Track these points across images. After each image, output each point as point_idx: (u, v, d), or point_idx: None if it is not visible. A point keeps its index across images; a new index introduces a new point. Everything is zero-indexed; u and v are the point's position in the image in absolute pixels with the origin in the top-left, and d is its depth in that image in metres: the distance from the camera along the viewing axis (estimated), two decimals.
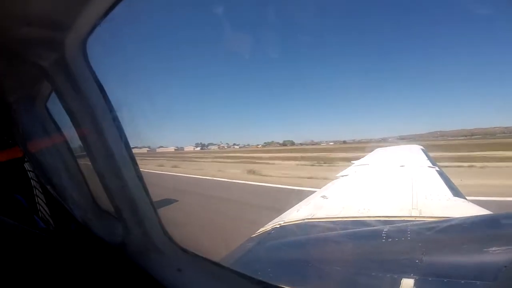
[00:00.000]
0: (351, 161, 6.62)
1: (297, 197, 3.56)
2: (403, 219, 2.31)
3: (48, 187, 1.62)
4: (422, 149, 6.96)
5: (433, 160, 5.29)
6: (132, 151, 1.34)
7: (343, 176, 4.74)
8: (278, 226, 2.48)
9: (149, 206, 1.37)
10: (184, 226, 5.83)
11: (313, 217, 2.63)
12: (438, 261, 1.39)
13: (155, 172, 20.34)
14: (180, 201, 9.18)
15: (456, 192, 2.95)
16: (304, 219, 2.59)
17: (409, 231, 1.76)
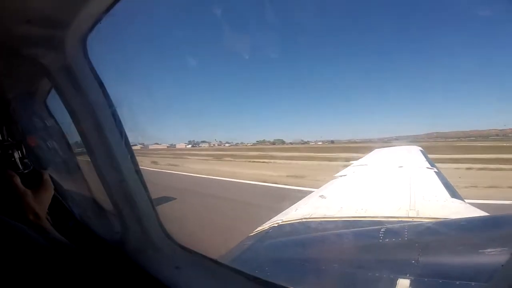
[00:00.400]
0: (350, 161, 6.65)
1: None
2: (401, 220, 2.33)
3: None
4: (421, 150, 6.98)
5: (432, 161, 5.31)
6: (132, 148, 1.34)
7: (342, 176, 4.76)
8: (276, 225, 2.49)
9: (148, 204, 1.37)
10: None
11: (311, 217, 2.64)
12: (434, 262, 1.40)
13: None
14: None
15: (454, 194, 2.96)
16: (302, 218, 2.60)
17: (406, 232, 1.77)
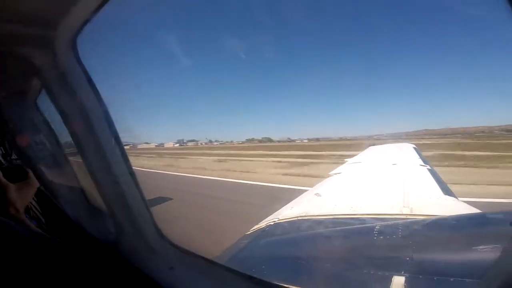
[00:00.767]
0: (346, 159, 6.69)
1: None
2: (395, 217, 2.35)
3: (40, 186, 1.60)
4: (414, 148, 7.06)
5: (425, 159, 5.38)
6: (124, 148, 1.32)
7: (336, 174, 4.79)
8: (273, 224, 2.49)
9: (142, 204, 1.36)
10: None
11: (307, 215, 2.65)
12: (428, 259, 1.42)
13: None
14: None
15: (447, 191, 3.01)
16: (298, 217, 2.61)
17: (400, 229, 1.79)
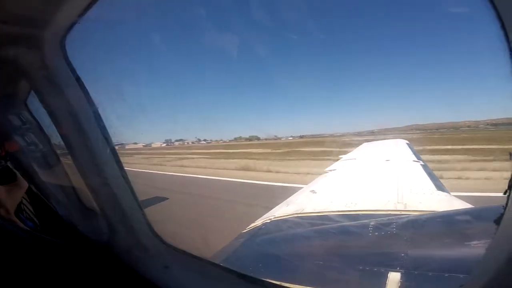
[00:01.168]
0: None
1: None
2: (389, 213, 2.38)
3: (31, 186, 1.57)
4: (407, 144, 7.15)
5: (418, 154, 5.45)
6: (115, 148, 1.31)
7: (331, 171, 4.82)
8: (269, 221, 2.50)
9: (135, 204, 1.34)
10: None
11: (303, 212, 2.67)
12: (423, 255, 1.44)
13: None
14: None
15: (440, 186, 3.05)
16: (294, 214, 2.63)
17: (395, 225, 1.81)
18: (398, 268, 1.33)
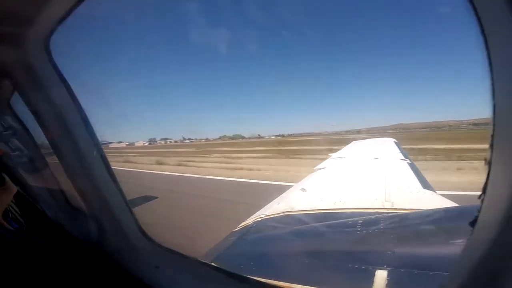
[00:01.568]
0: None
1: None
2: (377, 211, 2.43)
3: (17, 187, 1.53)
4: (395, 142, 7.29)
5: (406, 153, 5.57)
6: (102, 148, 1.28)
7: (321, 169, 4.87)
8: (260, 220, 2.51)
9: (123, 204, 1.33)
10: None
11: (293, 210, 2.69)
12: (409, 253, 1.47)
13: None
14: None
15: (426, 185, 3.13)
16: (285, 212, 2.65)
17: (382, 223, 1.85)
18: (385, 266, 1.36)
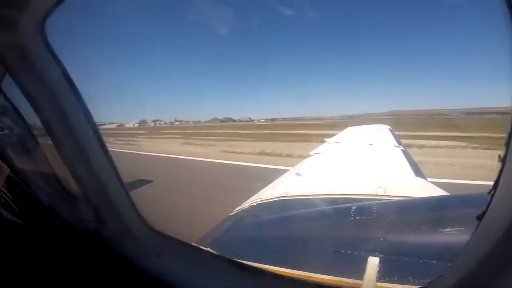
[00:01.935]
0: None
1: None
2: (369, 197, 2.48)
3: (10, 173, 1.49)
4: (390, 129, 7.35)
5: (399, 140, 5.64)
6: (100, 132, 1.25)
7: (316, 154, 4.91)
8: (256, 204, 2.55)
9: (121, 189, 1.31)
10: None
11: (288, 195, 2.73)
12: (400, 240, 1.52)
13: None
14: None
15: (418, 172, 3.20)
16: (280, 197, 2.68)
17: (375, 210, 1.90)
18: (377, 253, 1.40)
